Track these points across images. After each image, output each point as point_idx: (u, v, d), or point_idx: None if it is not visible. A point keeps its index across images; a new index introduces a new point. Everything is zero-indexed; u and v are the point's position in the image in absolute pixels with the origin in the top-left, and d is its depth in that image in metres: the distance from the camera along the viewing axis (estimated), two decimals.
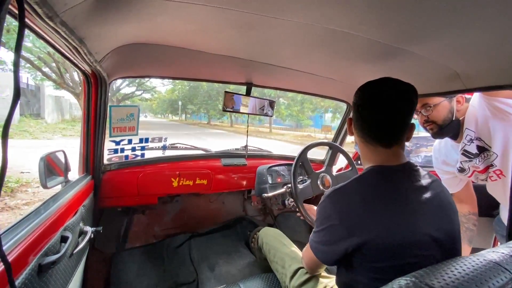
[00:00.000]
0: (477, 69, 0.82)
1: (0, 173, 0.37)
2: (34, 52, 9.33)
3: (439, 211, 0.64)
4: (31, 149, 5.73)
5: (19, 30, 0.36)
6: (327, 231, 0.66)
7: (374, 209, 0.61)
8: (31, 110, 11.38)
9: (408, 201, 0.62)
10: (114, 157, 1.36)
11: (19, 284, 0.52)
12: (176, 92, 24.07)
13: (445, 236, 0.62)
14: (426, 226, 0.60)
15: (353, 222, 0.61)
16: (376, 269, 0.60)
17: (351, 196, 0.65)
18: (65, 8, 0.47)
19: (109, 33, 0.73)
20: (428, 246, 0.59)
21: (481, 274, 0.44)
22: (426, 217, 0.61)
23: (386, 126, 0.66)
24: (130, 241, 1.60)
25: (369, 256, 0.60)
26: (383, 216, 0.60)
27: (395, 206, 0.61)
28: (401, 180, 0.65)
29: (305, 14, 0.62)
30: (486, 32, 0.59)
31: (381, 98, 0.65)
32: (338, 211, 0.64)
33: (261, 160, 1.81)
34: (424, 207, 0.62)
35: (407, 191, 0.63)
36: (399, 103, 0.65)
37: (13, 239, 0.56)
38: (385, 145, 0.67)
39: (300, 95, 13.15)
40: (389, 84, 0.66)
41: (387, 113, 0.65)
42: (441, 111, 1.09)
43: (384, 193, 0.63)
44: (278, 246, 1.15)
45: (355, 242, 0.60)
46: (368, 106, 0.67)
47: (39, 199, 3.42)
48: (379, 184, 0.65)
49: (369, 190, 0.64)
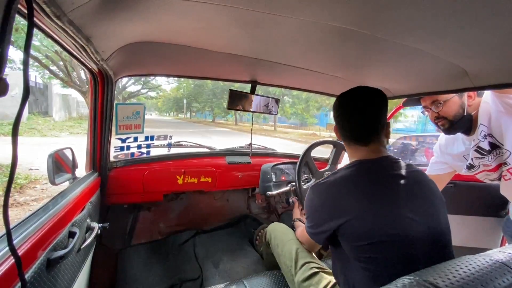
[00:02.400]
0: (486, 67, 0.80)
1: (11, 169, 0.38)
2: (42, 51, 9.47)
3: (417, 195, 0.71)
4: (40, 146, 5.84)
5: (28, 29, 0.37)
6: (313, 216, 0.80)
7: (350, 195, 0.71)
8: (39, 108, 11.57)
9: (383, 186, 0.70)
10: (120, 155, 1.38)
11: (29, 278, 0.54)
12: (181, 90, 24.19)
13: (424, 218, 0.68)
14: (401, 208, 0.67)
15: (332, 207, 0.73)
16: (356, 248, 0.69)
17: (330, 186, 0.76)
18: (73, 7, 0.48)
19: (116, 32, 0.73)
20: (402, 226, 0.66)
21: (486, 274, 0.44)
22: (402, 201, 0.68)
23: (360, 128, 0.77)
24: (136, 238, 1.62)
25: (349, 235, 0.69)
26: (358, 201, 0.69)
27: (369, 191, 0.70)
28: (378, 170, 0.74)
29: (310, 12, 0.61)
30: (495, 29, 0.58)
31: (353, 105, 0.77)
32: (319, 199, 0.77)
33: (265, 158, 1.81)
34: (400, 192, 0.70)
35: (383, 178, 0.72)
36: (368, 107, 0.76)
37: (23, 234, 0.57)
38: (363, 144, 0.77)
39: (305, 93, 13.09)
40: (359, 93, 0.78)
41: (359, 117, 0.76)
42: (452, 106, 1.07)
43: (359, 181, 0.73)
44: (287, 240, 1.17)
45: (335, 224, 0.71)
46: (345, 114, 0.79)
47: (48, 195, 3.48)
48: (356, 174, 0.75)
49: (346, 180, 0.75)
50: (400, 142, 3.42)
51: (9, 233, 0.40)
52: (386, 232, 0.65)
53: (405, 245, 0.65)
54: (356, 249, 0.69)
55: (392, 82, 1.16)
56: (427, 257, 0.65)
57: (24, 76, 0.37)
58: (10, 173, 0.38)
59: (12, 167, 0.38)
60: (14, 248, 0.42)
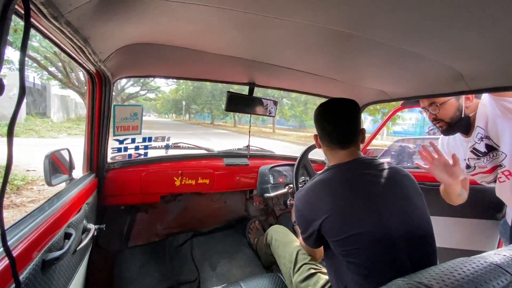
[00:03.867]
0: (481, 70, 0.81)
1: (5, 170, 0.38)
2: (40, 52, 9.46)
3: (391, 191, 0.77)
4: (37, 147, 5.81)
5: (25, 30, 0.37)
6: (300, 222, 0.86)
7: (327, 196, 0.78)
8: (37, 109, 11.54)
9: (357, 184, 0.77)
10: (117, 156, 1.38)
11: (24, 279, 0.53)
12: (180, 92, 24.20)
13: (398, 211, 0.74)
14: (375, 203, 0.74)
15: (312, 209, 0.80)
16: (336, 243, 0.75)
17: (309, 191, 0.83)
18: (70, 9, 0.48)
19: (113, 33, 0.74)
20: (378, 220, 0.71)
21: (481, 276, 0.44)
22: (376, 197, 0.75)
23: (342, 133, 0.85)
24: (132, 239, 1.62)
25: (328, 232, 0.75)
26: (334, 199, 0.76)
27: (344, 190, 0.77)
28: (352, 170, 0.81)
29: (307, 15, 0.62)
30: (490, 32, 0.58)
31: (336, 113, 0.85)
32: (301, 204, 0.84)
33: (263, 160, 1.81)
34: (373, 188, 0.76)
35: (356, 177, 0.79)
36: (348, 115, 0.85)
37: (18, 235, 0.57)
38: (343, 147, 0.85)
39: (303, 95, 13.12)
40: (334, 104, 0.87)
41: (341, 123, 0.85)
42: (449, 109, 1.08)
43: (335, 182, 0.80)
44: (288, 242, 1.18)
45: (317, 223, 0.77)
46: (327, 120, 0.86)
47: (44, 197, 3.46)
48: (332, 176, 0.82)
49: (323, 182, 0.81)
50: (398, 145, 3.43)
51: (3, 233, 0.40)
52: (362, 225, 0.71)
53: (381, 235, 0.70)
54: (336, 244, 0.75)
55: (389, 84, 1.17)
56: (406, 246, 0.71)
57: (20, 76, 0.37)
58: (5, 174, 0.38)
59: (7, 168, 0.38)
60: (9, 249, 0.41)
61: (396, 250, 0.70)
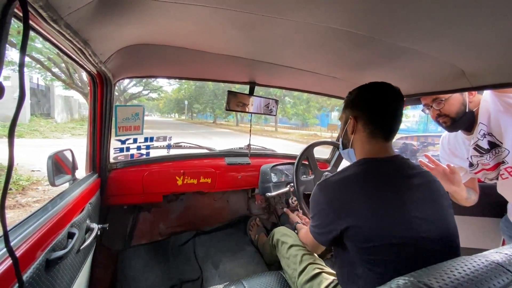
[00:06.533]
0: (483, 67, 0.80)
1: (7, 171, 0.38)
2: (44, 53, 9.52)
3: (427, 198, 0.70)
4: (42, 148, 5.87)
5: (24, 33, 0.37)
6: (319, 215, 0.77)
7: (359, 195, 0.69)
8: (41, 110, 11.64)
9: (393, 188, 0.69)
10: (120, 156, 1.39)
11: (27, 278, 0.54)
12: (182, 91, 24.23)
13: (433, 220, 0.68)
14: (410, 210, 0.67)
15: (339, 206, 0.70)
16: (363, 250, 0.66)
17: (338, 184, 0.74)
18: (69, 11, 0.49)
19: (113, 35, 0.74)
20: (411, 228, 0.65)
21: (481, 274, 0.43)
22: (411, 202, 0.68)
23: (391, 121, 0.76)
24: (136, 238, 1.63)
25: (356, 237, 0.67)
26: (367, 201, 0.67)
27: (379, 192, 0.68)
28: (388, 170, 0.73)
29: (305, 14, 0.61)
30: (491, 29, 0.58)
31: (386, 97, 0.76)
32: (326, 197, 0.74)
33: (265, 159, 1.81)
34: (409, 193, 0.69)
35: (393, 179, 0.71)
36: (398, 101, 0.77)
37: (21, 235, 0.58)
38: (386, 138, 0.76)
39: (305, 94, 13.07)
40: (389, 86, 0.78)
41: (392, 110, 0.76)
42: (454, 104, 1.06)
43: (369, 181, 0.71)
44: (293, 243, 1.18)
45: (342, 225, 0.68)
46: (378, 104, 0.76)
47: (49, 197, 3.50)
48: (366, 173, 0.73)
49: (355, 178, 0.72)
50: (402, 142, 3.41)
51: (6, 234, 0.40)
52: (395, 234, 0.64)
53: (415, 247, 0.64)
54: (363, 251, 0.67)
55: (390, 82, 1.16)
56: (436, 258, 0.61)
57: (20, 78, 0.37)
58: (6, 174, 0.38)
59: (8, 169, 0.38)
60: (12, 249, 0.42)
61: (429, 263, 0.59)
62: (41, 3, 0.41)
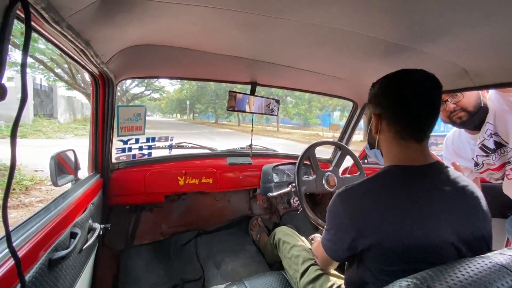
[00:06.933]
0: (486, 66, 0.80)
1: (9, 171, 0.38)
2: (47, 54, 9.58)
3: (464, 216, 0.59)
4: (45, 148, 5.91)
5: (26, 34, 0.38)
6: (337, 230, 0.66)
7: (386, 211, 0.58)
8: (44, 110, 11.72)
9: (426, 204, 0.58)
10: (122, 156, 1.39)
11: (30, 277, 0.55)
12: (184, 91, 24.34)
13: (468, 243, 0.58)
14: (444, 231, 0.56)
15: (363, 223, 0.59)
16: (387, 272, 0.57)
17: (363, 196, 0.62)
18: (71, 13, 0.49)
19: (115, 36, 0.74)
20: (445, 252, 0.56)
21: (485, 276, 0.43)
22: (446, 222, 0.57)
23: (422, 118, 0.62)
24: (138, 238, 1.64)
25: (380, 258, 0.58)
26: (395, 219, 0.57)
27: (410, 208, 0.57)
28: (422, 181, 0.61)
29: (307, 14, 0.61)
30: (494, 28, 0.58)
31: (417, 88, 0.61)
32: (348, 210, 0.63)
33: (266, 159, 1.81)
34: (446, 211, 0.58)
35: (428, 193, 0.59)
36: (434, 94, 0.62)
37: (24, 235, 0.58)
38: (418, 140, 0.63)
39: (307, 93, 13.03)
40: (423, 74, 0.62)
41: (423, 104, 0.61)
42: (471, 96, 1.03)
43: (399, 194, 0.59)
44: (295, 243, 1.17)
45: (364, 243, 0.58)
46: (404, 97, 0.62)
47: (52, 197, 3.52)
48: (396, 185, 0.61)
49: (383, 190, 0.61)
50: None
51: (8, 234, 0.41)
52: (425, 258, 0.55)
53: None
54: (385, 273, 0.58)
55: None
56: None
57: (22, 79, 0.37)
58: (9, 175, 0.39)
59: (11, 169, 0.38)
60: (14, 249, 0.42)
61: None
62: (43, 5, 0.41)
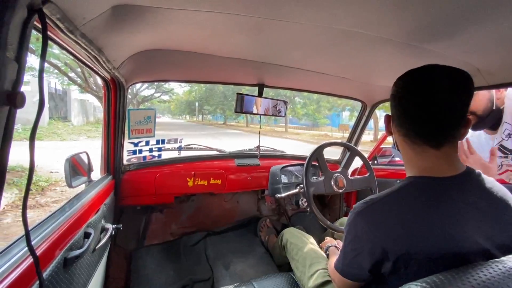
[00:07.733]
0: (499, 65, 0.78)
1: (28, 174, 0.40)
2: (61, 59, 9.89)
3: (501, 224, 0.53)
4: (60, 150, 6.09)
5: (43, 45, 0.40)
6: (358, 252, 0.58)
7: (413, 233, 0.52)
8: (59, 113, 12.10)
9: (456, 222, 0.51)
10: (133, 158, 1.43)
11: (47, 275, 0.57)
12: (193, 93, 24.61)
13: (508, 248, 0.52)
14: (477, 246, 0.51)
15: (389, 245, 0.53)
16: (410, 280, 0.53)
17: (387, 214, 0.55)
18: (84, 22, 0.51)
19: (125, 42, 0.77)
20: None
21: (498, 282, 0.42)
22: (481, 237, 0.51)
23: (434, 119, 0.54)
24: (148, 239, 1.67)
25: (405, 278, 0.51)
26: (423, 238, 0.51)
27: (441, 230, 0.51)
28: (452, 197, 0.53)
29: (312, 16, 0.62)
30: (506, 26, 0.56)
31: (431, 87, 0.54)
32: (371, 231, 0.55)
33: (274, 160, 1.81)
34: (480, 228, 0.52)
35: (459, 212, 0.52)
36: (453, 93, 0.53)
37: (41, 235, 0.61)
38: (433, 145, 0.55)
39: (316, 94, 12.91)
40: (440, 71, 0.55)
41: (436, 105, 0.53)
42: (481, 100, 1.00)
43: (428, 215, 0.52)
44: (302, 245, 1.16)
45: (390, 265, 0.53)
46: (413, 97, 0.56)
47: (67, 197, 3.63)
48: (423, 204, 0.53)
49: (408, 209, 0.54)
50: None
51: (27, 233, 0.43)
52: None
53: None
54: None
55: None
56: None
57: (40, 86, 0.39)
58: (28, 178, 0.41)
59: (30, 172, 0.40)
60: (33, 248, 0.45)
61: None
62: (58, 16, 0.43)
